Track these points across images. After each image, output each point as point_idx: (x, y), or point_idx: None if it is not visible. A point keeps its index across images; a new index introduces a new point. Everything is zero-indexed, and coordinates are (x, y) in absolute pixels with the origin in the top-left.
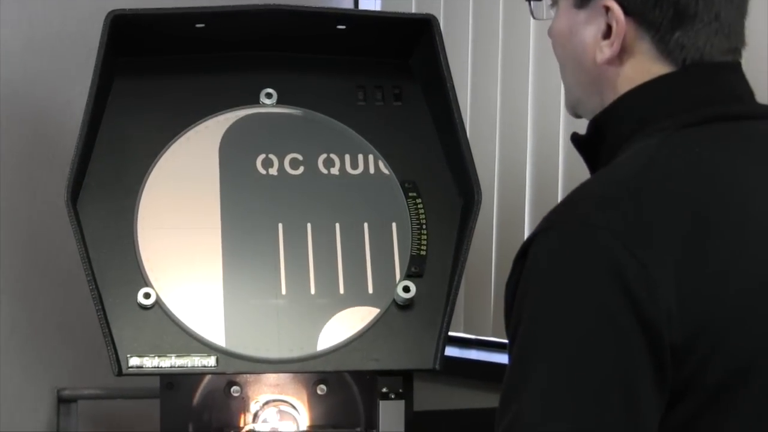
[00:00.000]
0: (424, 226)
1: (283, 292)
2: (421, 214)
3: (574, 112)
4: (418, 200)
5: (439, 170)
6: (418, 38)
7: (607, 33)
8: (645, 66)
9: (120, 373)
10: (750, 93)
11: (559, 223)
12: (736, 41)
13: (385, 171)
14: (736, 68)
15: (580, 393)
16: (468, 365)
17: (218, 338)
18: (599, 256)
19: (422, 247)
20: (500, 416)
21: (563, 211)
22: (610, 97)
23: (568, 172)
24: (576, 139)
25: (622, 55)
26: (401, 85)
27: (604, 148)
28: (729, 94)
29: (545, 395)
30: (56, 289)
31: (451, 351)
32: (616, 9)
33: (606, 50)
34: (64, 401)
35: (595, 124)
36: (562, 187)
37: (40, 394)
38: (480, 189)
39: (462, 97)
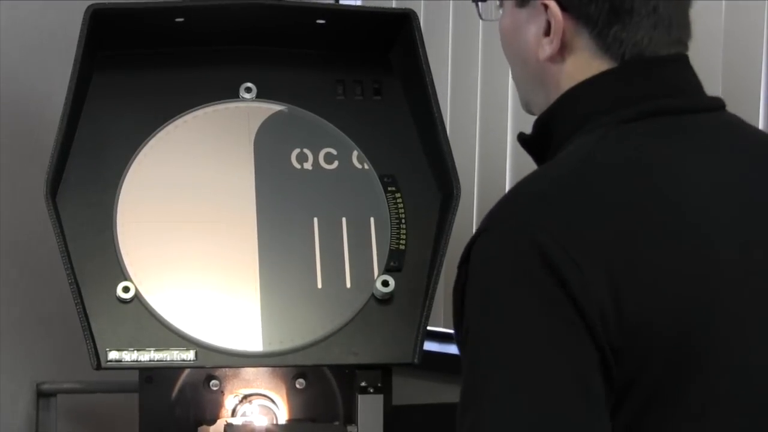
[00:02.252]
0: (403, 221)
1: (320, 285)
2: (400, 208)
3: (528, 109)
4: (398, 194)
5: (419, 164)
6: (398, 33)
7: (548, 30)
8: (585, 62)
9: (99, 367)
10: (695, 85)
11: (496, 222)
12: (680, 33)
13: (364, 166)
14: (678, 60)
15: (535, 392)
16: (447, 360)
17: (197, 332)
18: (534, 253)
19: (401, 242)
20: (460, 424)
21: (500, 210)
22: (554, 95)
23: None
24: (522, 138)
25: (563, 51)
26: (381, 80)
27: (552, 147)
28: (670, 88)
29: (501, 399)
30: (35, 283)
31: (430, 346)
32: (553, 6)
33: (546, 47)
34: (43, 395)
35: (539, 123)
36: None
37: (19, 388)
38: (459, 183)
39: (442, 92)
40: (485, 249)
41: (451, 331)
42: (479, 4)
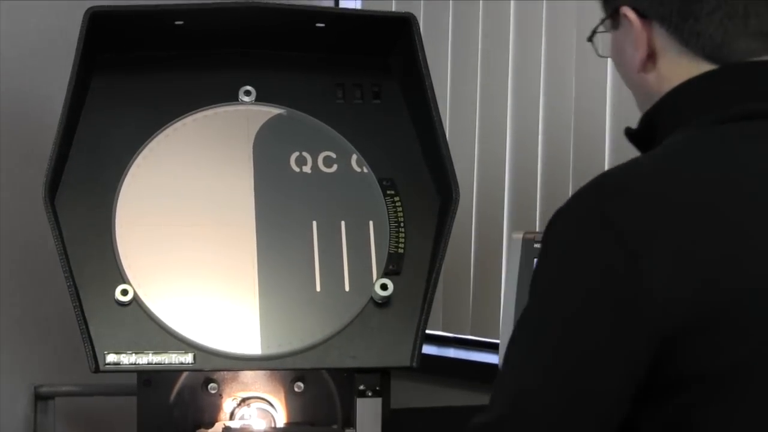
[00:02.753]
0: (402, 224)
1: (318, 288)
2: (399, 211)
3: None
4: (396, 198)
5: (418, 168)
6: (398, 37)
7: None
8: (674, 62)
9: (97, 370)
10: None
11: (574, 200)
12: (761, 25)
13: (363, 169)
14: None
15: (567, 360)
16: (446, 363)
17: (196, 335)
18: (603, 227)
19: (400, 245)
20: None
21: (582, 190)
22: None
23: (548, 170)
24: (629, 132)
25: (653, 57)
26: (380, 84)
27: (656, 142)
28: (764, 92)
29: (530, 354)
30: (33, 286)
31: (429, 349)
32: (631, 14)
33: (636, 57)
34: (41, 398)
35: (646, 118)
36: (541, 185)
37: (17, 391)
38: (458, 187)
39: (441, 96)
40: (558, 222)
41: (450, 335)
42: (594, 42)
